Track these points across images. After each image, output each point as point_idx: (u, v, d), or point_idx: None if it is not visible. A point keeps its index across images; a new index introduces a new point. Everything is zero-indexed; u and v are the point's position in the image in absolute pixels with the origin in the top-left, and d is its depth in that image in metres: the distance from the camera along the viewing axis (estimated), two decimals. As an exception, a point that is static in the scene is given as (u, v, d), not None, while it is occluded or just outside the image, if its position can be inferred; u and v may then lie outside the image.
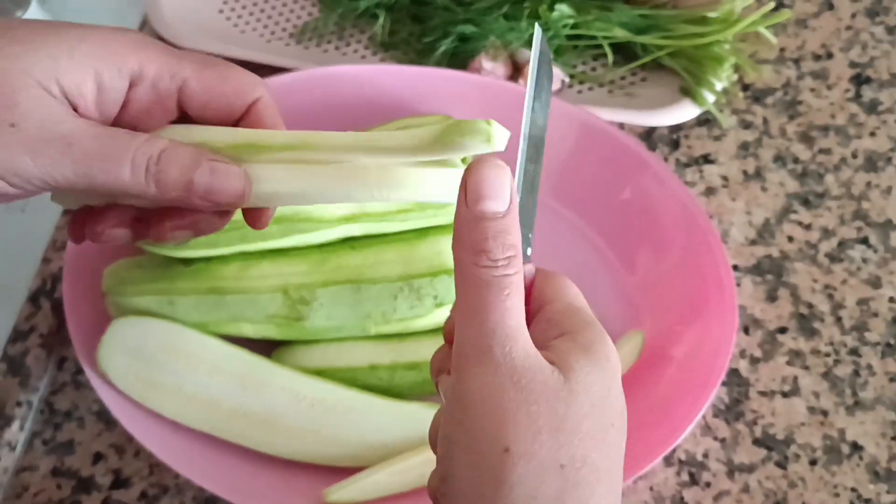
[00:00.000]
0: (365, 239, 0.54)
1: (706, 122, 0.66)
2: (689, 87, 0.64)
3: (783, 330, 0.58)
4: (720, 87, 0.64)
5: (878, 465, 0.53)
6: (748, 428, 0.55)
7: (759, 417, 0.55)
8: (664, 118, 0.63)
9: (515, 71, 0.65)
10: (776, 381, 0.56)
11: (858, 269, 0.60)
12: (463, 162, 0.54)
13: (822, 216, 0.62)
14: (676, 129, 0.65)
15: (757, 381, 0.56)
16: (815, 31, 0.70)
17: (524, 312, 0.31)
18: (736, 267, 0.60)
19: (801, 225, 0.61)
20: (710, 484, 0.53)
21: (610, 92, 0.67)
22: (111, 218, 0.37)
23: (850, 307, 0.58)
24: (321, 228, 0.52)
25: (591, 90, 0.67)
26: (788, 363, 0.56)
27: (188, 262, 0.53)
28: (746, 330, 0.58)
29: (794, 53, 0.69)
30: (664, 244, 0.57)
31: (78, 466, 0.55)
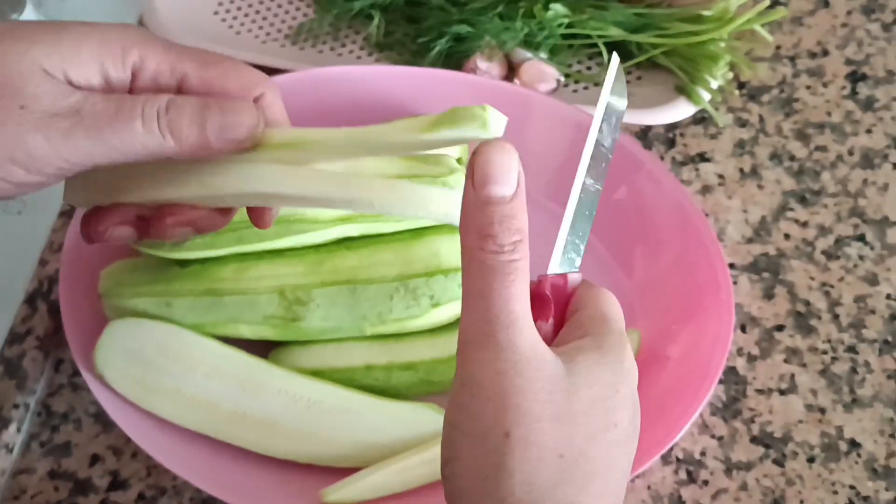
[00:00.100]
0: (361, 239, 0.54)
1: (702, 120, 0.66)
2: (684, 85, 0.64)
3: (780, 328, 0.58)
4: (716, 85, 0.64)
5: (876, 462, 0.53)
6: (746, 426, 0.54)
7: (756, 415, 0.55)
8: (660, 117, 0.63)
9: (510, 71, 0.65)
10: (773, 378, 0.56)
11: (855, 266, 0.60)
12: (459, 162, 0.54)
13: (818, 213, 0.62)
14: (672, 127, 0.65)
15: (754, 378, 0.56)
16: (810, 28, 0.70)
17: (529, 299, 0.31)
18: (732, 265, 0.60)
19: (797, 222, 0.61)
20: (707, 482, 0.53)
21: (606, 91, 0.67)
22: (114, 217, 0.37)
23: (847, 304, 0.58)
24: (317, 229, 0.52)
25: (586, 89, 0.67)
26: (786, 361, 0.56)
27: (185, 263, 0.53)
28: (743, 328, 0.58)
29: (789, 51, 0.69)
30: (660, 243, 0.57)
31: (75, 468, 0.55)
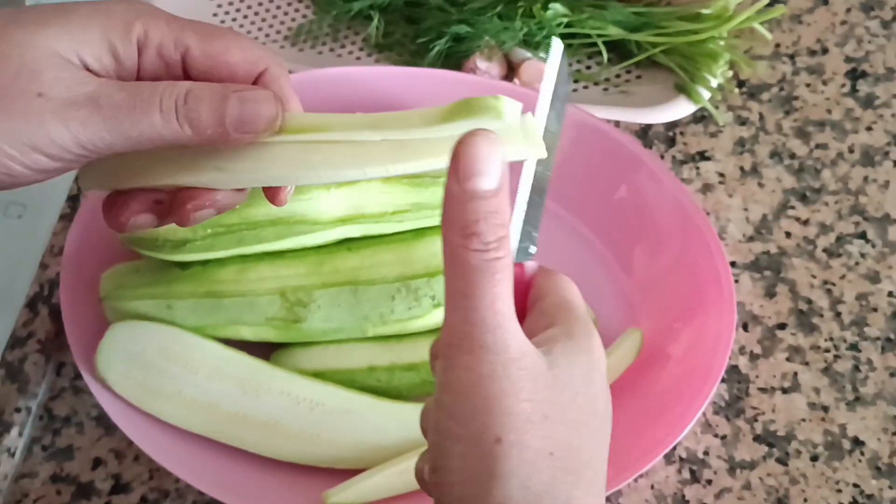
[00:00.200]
0: (362, 240, 0.54)
1: (702, 118, 0.66)
2: (684, 84, 0.64)
3: (782, 326, 0.58)
4: (715, 83, 0.64)
5: (879, 460, 0.53)
6: (749, 425, 0.54)
7: (759, 414, 0.55)
8: (660, 115, 0.63)
9: (510, 70, 0.65)
10: (776, 377, 0.56)
11: (857, 263, 0.59)
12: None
13: (819, 211, 0.62)
14: (672, 126, 0.65)
15: (757, 377, 0.56)
16: (809, 26, 0.70)
17: (513, 297, 0.30)
18: (734, 263, 0.60)
19: (798, 220, 0.61)
20: (711, 481, 0.53)
21: (605, 90, 0.67)
22: (133, 206, 0.37)
23: (849, 302, 0.58)
24: (318, 230, 0.52)
25: (585, 88, 0.67)
26: (788, 359, 0.56)
27: (185, 265, 0.53)
28: (745, 326, 0.58)
29: (789, 49, 0.69)
30: (661, 242, 0.57)
31: (77, 472, 0.55)
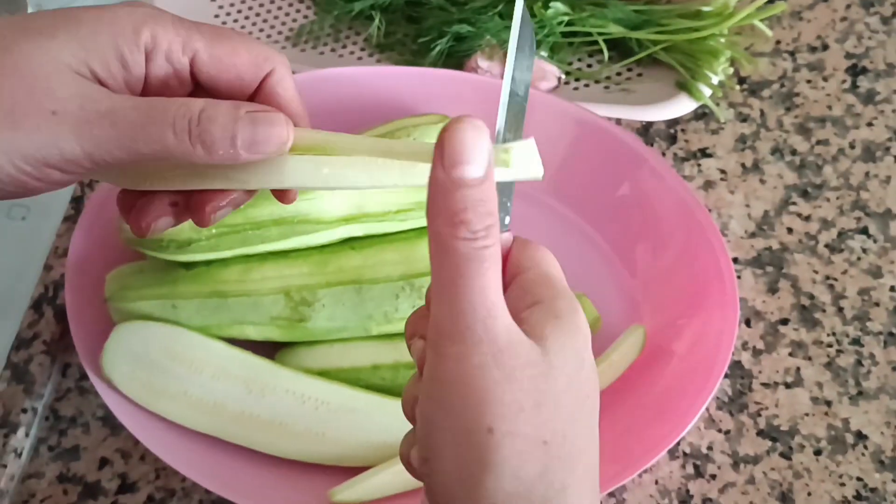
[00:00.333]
0: (365, 239, 0.54)
1: (703, 115, 0.66)
2: (685, 81, 0.64)
3: (785, 321, 0.58)
4: (716, 80, 0.64)
5: (883, 453, 0.53)
6: (752, 420, 0.55)
7: (762, 409, 0.55)
8: (661, 113, 0.64)
9: (512, 69, 0.65)
10: (779, 372, 0.56)
11: (859, 259, 0.60)
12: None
13: (821, 207, 0.62)
14: (673, 123, 0.66)
15: (760, 372, 0.56)
16: (810, 22, 0.70)
17: (501, 284, 0.30)
18: (736, 260, 0.60)
19: (800, 216, 0.62)
20: (715, 476, 0.53)
21: (606, 88, 0.67)
22: (152, 212, 0.37)
23: (851, 297, 0.58)
24: (321, 230, 0.52)
25: (587, 87, 0.67)
26: (791, 354, 0.57)
27: (190, 265, 0.53)
28: (748, 322, 0.58)
29: (789, 45, 0.69)
30: (663, 239, 0.57)
31: (84, 472, 0.55)
